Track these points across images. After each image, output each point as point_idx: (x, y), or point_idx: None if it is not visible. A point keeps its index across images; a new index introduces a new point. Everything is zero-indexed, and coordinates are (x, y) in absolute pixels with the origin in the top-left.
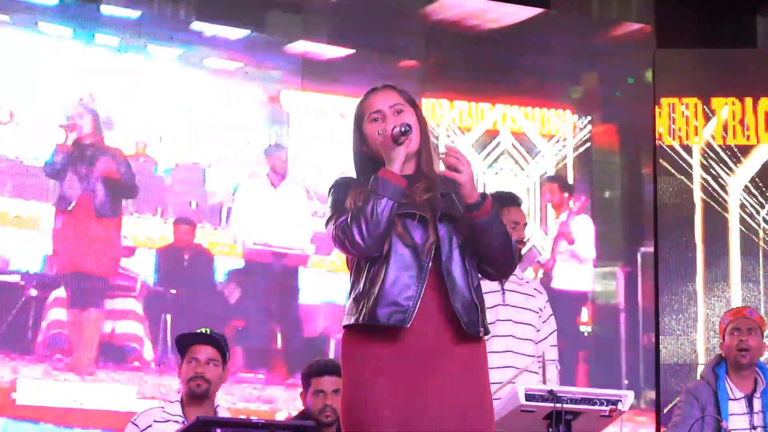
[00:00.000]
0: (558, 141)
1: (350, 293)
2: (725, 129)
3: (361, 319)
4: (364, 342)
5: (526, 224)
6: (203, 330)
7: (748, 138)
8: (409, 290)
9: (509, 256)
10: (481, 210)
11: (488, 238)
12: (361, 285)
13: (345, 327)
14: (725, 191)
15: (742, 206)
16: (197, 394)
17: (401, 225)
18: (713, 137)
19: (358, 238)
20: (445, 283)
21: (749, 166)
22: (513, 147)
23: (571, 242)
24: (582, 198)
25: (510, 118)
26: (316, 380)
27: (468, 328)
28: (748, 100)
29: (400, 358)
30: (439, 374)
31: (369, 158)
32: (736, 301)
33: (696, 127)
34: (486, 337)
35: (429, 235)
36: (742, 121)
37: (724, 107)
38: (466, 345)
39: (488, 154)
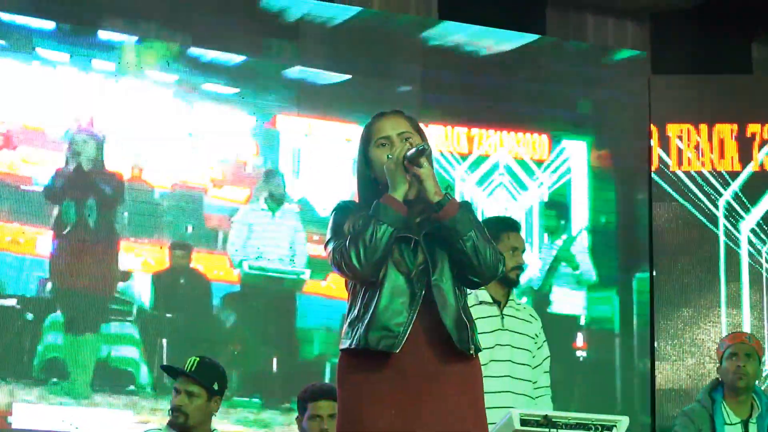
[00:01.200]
0: (553, 166)
1: (346, 317)
2: (722, 154)
3: (354, 343)
4: (358, 366)
5: (524, 250)
6: (190, 360)
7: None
8: (401, 316)
9: (486, 262)
10: (445, 210)
11: (457, 241)
12: (357, 309)
13: (341, 350)
14: (721, 216)
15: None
16: (177, 425)
17: (398, 251)
18: (710, 162)
19: (355, 262)
20: (435, 303)
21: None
22: (509, 172)
23: (576, 267)
24: (578, 223)
25: (506, 143)
26: (313, 405)
27: (459, 344)
28: (743, 126)
29: (393, 382)
30: (433, 396)
31: (372, 182)
32: (730, 327)
33: (691, 152)
34: (484, 361)
35: (419, 255)
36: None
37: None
38: (458, 364)
39: (484, 179)
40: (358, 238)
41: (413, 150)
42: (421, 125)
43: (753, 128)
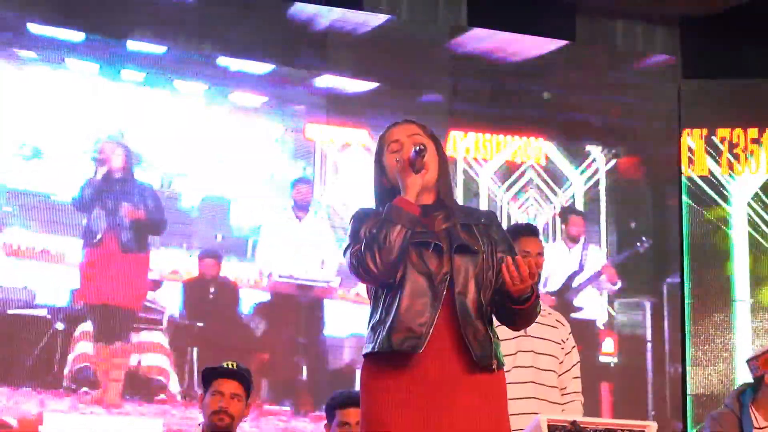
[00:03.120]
0: (583, 172)
1: (369, 322)
2: (752, 159)
3: (377, 346)
4: (381, 371)
5: (539, 254)
6: (229, 364)
7: None
8: (423, 317)
9: (530, 323)
10: (526, 305)
11: (517, 318)
12: (378, 313)
13: (364, 356)
14: (751, 220)
15: None
16: (219, 428)
17: (416, 253)
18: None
19: (371, 265)
20: (458, 313)
21: None
22: (538, 178)
23: (615, 283)
24: (610, 229)
25: (535, 149)
26: (341, 412)
27: (479, 360)
28: None
29: (416, 387)
30: (456, 403)
31: (388, 190)
32: (761, 332)
33: (722, 157)
34: (507, 368)
35: (444, 264)
36: None
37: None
38: (482, 374)
39: (513, 186)
40: (373, 242)
41: (413, 150)
42: (451, 132)
43: None
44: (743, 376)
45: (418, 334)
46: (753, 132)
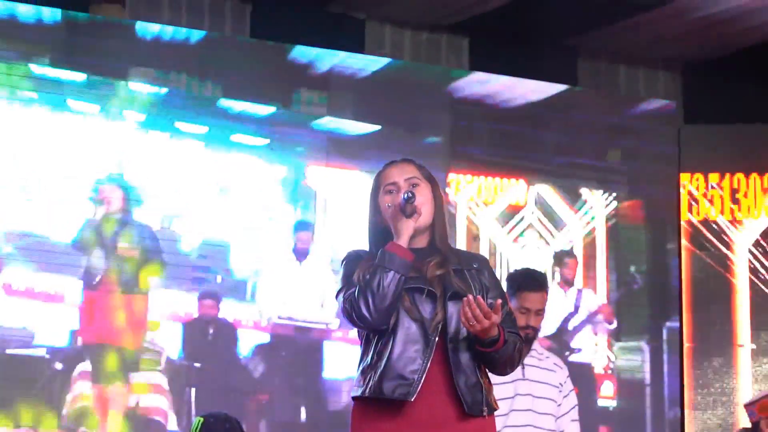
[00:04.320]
0: (583, 216)
1: (359, 365)
2: (754, 204)
3: (367, 391)
4: (371, 414)
5: (539, 311)
6: (196, 421)
7: None
8: (414, 364)
9: (512, 369)
10: (493, 348)
11: (492, 363)
12: (369, 357)
13: (353, 398)
14: (751, 266)
15: None
16: None
17: (409, 299)
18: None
19: (365, 311)
20: (450, 360)
21: None
22: (538, 222)
23: (611, 322)
24: (608, 272)
25: (534, 193)
26: None
27: (470, 408)
28: None
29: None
30: None
31: (382, 230)
32: (760, 377)
33: (722, 202)
34: (505, 411)
35: (437, 311)
36: None
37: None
38: (473, 420)
39: (512, 229)
40: (366, 288)
41: (401, 199)
42: (451, 175)
43: None
44: (742, 421)
45: (410, 381)
46: (754, 177)
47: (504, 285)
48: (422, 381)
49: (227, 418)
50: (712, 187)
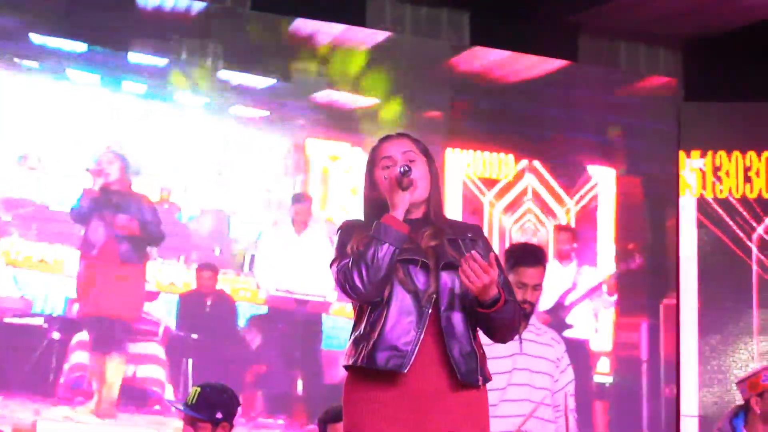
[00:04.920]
0: (581, 192)
1: (351, 335)
2: (749, 181)
3: (359, 361)
4: (364, 385)
5: (536, 285)
6: (193, 390)
7: None
8: (408, 335)
9: (512, 334)
10: (494, 308)
11: (493, 326)
12: (362, 328)
13: (345, 368)
14: (751, 244)
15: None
16: None
17: (403, 270)
18: (737, 189)
19: (358, 282)
20: (443, 330)
21: None
22: (537, 198)
23: (612, 294)
24: (606, 249)
25: (534, 169)
26: (333, 426)
27: (464, 377)
28: None
29: (400, 403)
30: (439, 419)
31: (378, 203)
32: (759, 356)
33: (720, 179)
34: (502, 385)
35: (431, 282)
36: None
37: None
38: (466, 391)
39: (512, 205)
40: (360, 259)
41: (398, 170)
42: (449, 150)
43: None
44: (738, 398)
45: (403, 352)
46: (752, 154)
47: (502, 260)
48: (416, 352)
49: (224, 388)
50: (711, 164)
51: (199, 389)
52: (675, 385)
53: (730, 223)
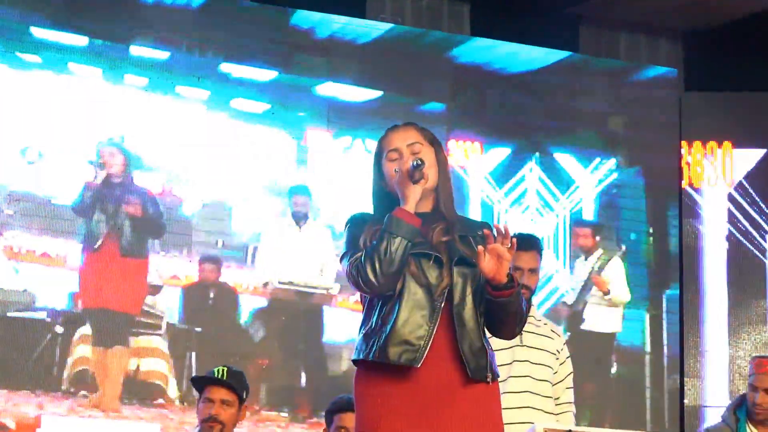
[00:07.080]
0: (584, 183)
1: (361, 329)
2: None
3: (371, 355)
4: (376, 379)
5: (532, 270)
6: (218, 370)
7: None
8: (421, 330)
9: (520, 326)
10: (505, 293)
11: (505, 315)
12: (373, 322)
13: (355, 363)
14: (754, 233)
15: None
16: None
17: (415, 264)
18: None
19: (371, 276)
20: (455, 325)
21: None
22: (540, 189)
23: (606, 292)
24: (609, 240)
25: (537, 159)
26: (339, 417)
27: (473, 373)
28: None
29: (411, 397)
30: (451, 414)
31: (386, 195)
32: (760, 345)
33: (723, 170)
34: (503, 377)
35: (443, 276)
36: None
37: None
38: (477, 385)
39: (514, 196)
40: (373, 253)
41: (410, 164)
42: (452, 141)
43: None
44: (741, 387)
45: (416, 347)
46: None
47: None
48: (428, 347)
49: (244, 373)
50: (711, 154)
51: (225, 368)
52: (678, 375)
53: (730, 212)
